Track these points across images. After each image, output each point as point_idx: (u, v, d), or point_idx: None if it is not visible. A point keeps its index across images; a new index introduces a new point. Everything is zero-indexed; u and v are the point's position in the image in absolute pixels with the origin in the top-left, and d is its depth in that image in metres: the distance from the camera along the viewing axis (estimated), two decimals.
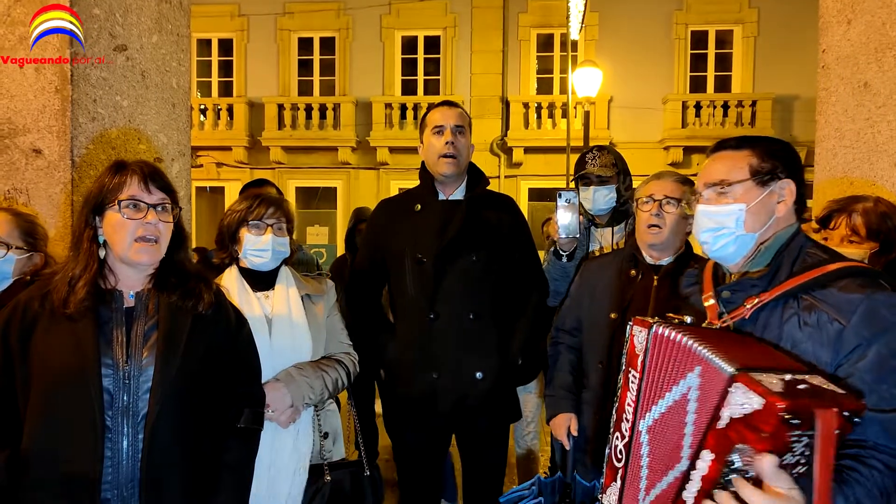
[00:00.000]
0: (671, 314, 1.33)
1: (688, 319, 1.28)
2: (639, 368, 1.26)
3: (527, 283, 2.42)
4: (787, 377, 0.98)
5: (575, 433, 2.15)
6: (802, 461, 0.95)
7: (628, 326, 1.32)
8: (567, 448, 2.17)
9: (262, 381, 1.77)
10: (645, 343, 1.25)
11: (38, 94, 2.11)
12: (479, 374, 2.23)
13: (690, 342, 1.13)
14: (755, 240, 1.31)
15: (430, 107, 2.42)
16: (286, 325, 2.00)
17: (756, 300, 1.26)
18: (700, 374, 1.10)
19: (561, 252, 2.50)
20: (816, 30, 2.58)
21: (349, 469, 2.08)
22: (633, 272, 2.11)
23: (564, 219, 2.37)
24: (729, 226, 1.30)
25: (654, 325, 1.24)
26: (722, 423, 1.01)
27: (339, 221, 13.10)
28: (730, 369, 1.02)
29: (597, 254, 2.67)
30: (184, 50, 2.76)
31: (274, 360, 1.94)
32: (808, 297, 1.22)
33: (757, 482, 0.97)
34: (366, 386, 3.32)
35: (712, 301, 1.36)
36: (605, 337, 2.11)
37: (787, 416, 0.90)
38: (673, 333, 1.19)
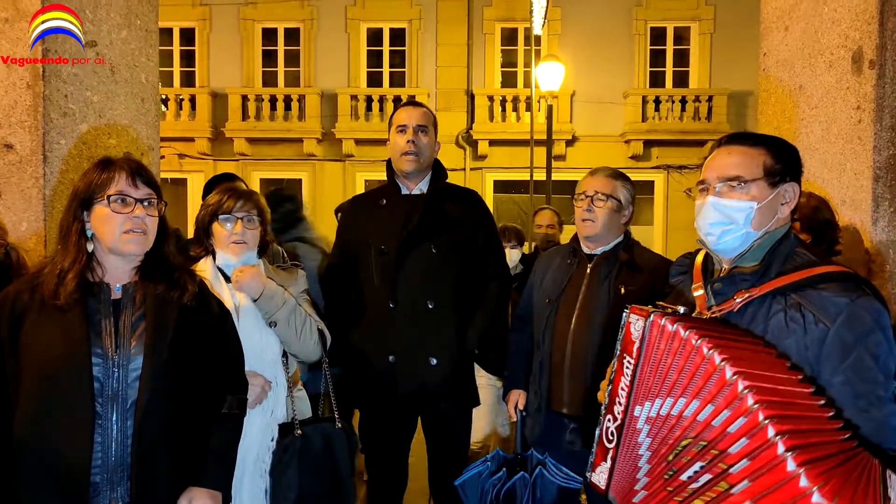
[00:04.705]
0: (662, 303, 1.38)
1: (681, 309, 1.31)
2: (634, 355, 1.29)
3: (488, 274, 2.53)
4: None
5: (521, 407, 2.36)
6: None
7: (624, 314, 1.34)
8: (514, 420, 2.39)
9: None
10: (642, 331, 1.28)
11: (10, 90, 2.14)
12: (433, 360, 2.35)
13: (731, 373, 1.12)
14: (757, 237, 1.34)
15: (397, 106, 2.54)
16: (253, 316, 2.07)
17: (746, 294, 1.29)
18: (751, 440, 1.08)
19: None
20: None
21: (320, 424, 2.13)
22: (569, 261, 2.29)
23: None
24: (738, 221, 1.32)
25: (652, 315, 1.26)
26: None
27: (304, 213, 13.04)
28: None
29: None
30: (152, 45, 2.80)
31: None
32: (795, 295, 1.25)
33: None
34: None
35: (701, 291, 1.40)
36: (542, 320, 2.27)
37: None
38: (682, 331, 1.20)
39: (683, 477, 1.19)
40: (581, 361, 2.14)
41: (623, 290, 2.10)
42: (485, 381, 3.38)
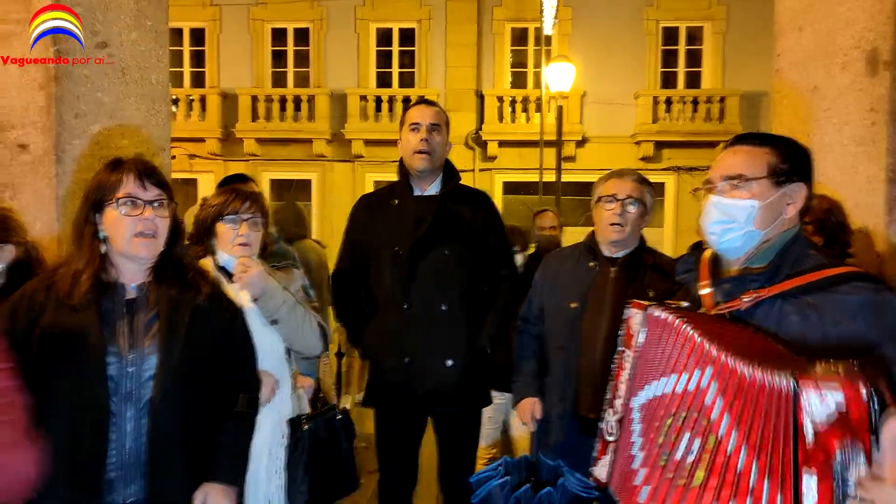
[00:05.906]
0: (669, 301, 1.38)
1: (684, 304, 1.33)
2: (633, 349, 1.32)
3: (499, 276, 2.54)
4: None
5: (538, 416, 2.27)
6: None
7: (625, 309, 1.37)
8: (532, 430, 2.31)
9: None
10: (640, 325, 1.31)
11: (23, 91, 2.16)
12: (449, 362, 2.36)
13: (699, 337, 1.16)
14: (761, 237, 1.32)
15: (411, 104, 2.53)
16: (258, 316, 2.07)
17: (755, 294, 1.29)
18: (719, 380, 1.11)
19: None
20: None
21: (322, 416, 2.19)
22: (591, 264, 2.24)
23: None
24: (739, 220, 1.31)
25: (650, 307, 1.29)
26: (809, 438, 0.97)
27: (313, 214, 13.10)
28: (788, 379, 0.99)
29: None
30: (162, 46, 2.82)
31: None
32: (808, 298, 1.24)
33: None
34: None
35: (708, 290, 1.39)
36: (566, 324, 2.22)
37: (872, 395, 0.91)
38: (670, 317, 1.24)
39: (678, 456, 1.18)
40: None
41: (652, 294, 2.04)
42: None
